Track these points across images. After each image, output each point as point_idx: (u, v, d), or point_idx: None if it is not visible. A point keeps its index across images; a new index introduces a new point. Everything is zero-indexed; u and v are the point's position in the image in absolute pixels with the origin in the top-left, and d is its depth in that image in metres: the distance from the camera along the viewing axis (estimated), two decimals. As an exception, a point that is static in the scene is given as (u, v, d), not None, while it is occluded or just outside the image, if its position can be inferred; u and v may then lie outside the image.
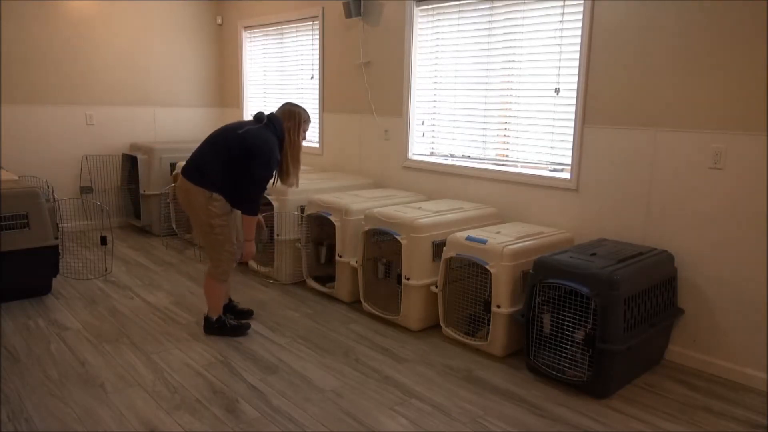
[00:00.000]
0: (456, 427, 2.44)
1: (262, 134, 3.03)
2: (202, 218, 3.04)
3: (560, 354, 2.81)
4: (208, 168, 3.00)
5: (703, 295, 3.01)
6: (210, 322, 3.27)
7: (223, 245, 3.11)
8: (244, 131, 3.01)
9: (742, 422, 2.54)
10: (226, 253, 3.13)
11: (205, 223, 3.04)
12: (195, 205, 3.03)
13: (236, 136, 3.01)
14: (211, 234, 3.07)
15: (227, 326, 3.27)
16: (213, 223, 3.03)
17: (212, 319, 3.27)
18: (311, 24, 5.26)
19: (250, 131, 3.02)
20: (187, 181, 3.03)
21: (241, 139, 2.99)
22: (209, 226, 3.04)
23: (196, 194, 3.00)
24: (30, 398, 2.58)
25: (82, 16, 5.50)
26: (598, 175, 3.35)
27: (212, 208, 3.01)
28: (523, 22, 3.64)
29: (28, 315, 3.55)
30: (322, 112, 5.24)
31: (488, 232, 3.26)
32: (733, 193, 2.85)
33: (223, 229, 3.07)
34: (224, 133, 3.06)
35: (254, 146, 2.98)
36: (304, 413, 2.51)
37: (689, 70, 2.94)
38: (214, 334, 3.27)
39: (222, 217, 3.05)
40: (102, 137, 5.79)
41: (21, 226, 3.63)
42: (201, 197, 3.00)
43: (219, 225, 3.04)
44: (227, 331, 3.27)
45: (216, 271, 3.17)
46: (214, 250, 3.13)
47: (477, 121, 4.01)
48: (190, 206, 3.06)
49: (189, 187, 3.02)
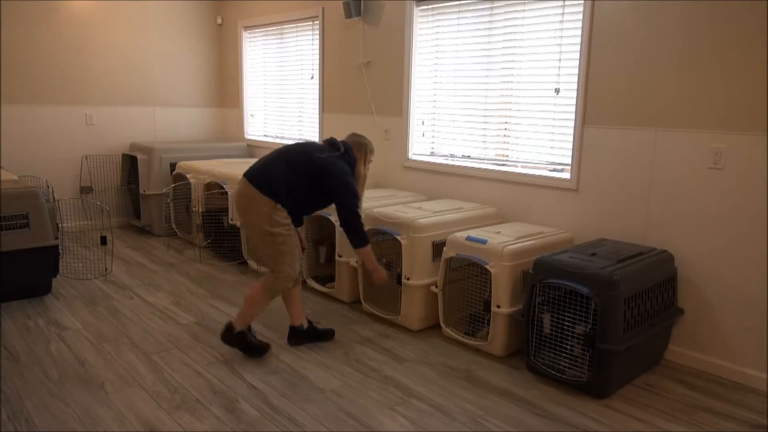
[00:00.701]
0: (456, 427, 2.44)
1: (341, 164, 2.98)
2: (264, 227, 2.89)
3: (560, 354, 2.81)
4: (278, 182, 2.89)
5: (703, 295, 3.01)
6: (231, 330, 3.01)
7: (284, 256, 2.93)
8: (327, 159, 2.95)
9: (742, 422, 2.54)
10: (286, 266, 2.93)
11: (265, 232, 2.89)
12: (256, 212, 2.89)
13: (316, 160, 2.93)
14: (273, 243, 2.91)
15: (247, 342, 3.03)
16: (274, 231, 2.88)
17: (235, 329, 3.01)
18: (311, 24, 5.26)
19: (332, 160, 2.96)
20: (253, 188, 2.89)
21: (323, 166, 2.93)
22: (270, 234, 2.89)
23: (260, 202, 2.88)
24: (30, 398, 2.58)
25: (82, 16, 5.50)
26: (598, 175, 3.35)
27: (275, 216, 2.88)
28: (523, 22, 3.64)
29: (28, 315, 3.55)
30: (322, 112, 5.24)
31: (488, 232, 3.26)
32: (733, 193, 2.85)
33: (285, 239, 2.91)
34: (304, 156, 2.96)
35: (338, 177, 2.92)
36: (304, 413, 2.51)
37: (689, 70, 2.94)
38: (231, 345, 3.03)
39: (285, 226, 2.91)
40: (102, 137, 5.79)
41: (21, 226, 3.63)
42: (265, 206, 2.88)
43: (280, 234, 2.89)
44: (246, 346, 3.03)
45: (272, 284, 2.96)
46: (273, 261, 2.94)
47: (477, 121, 4.01)
48: (251, 213, 2.92)
49: (254, 193, 2.89)
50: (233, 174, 4.58)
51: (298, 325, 3.19)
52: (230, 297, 3.94)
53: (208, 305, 3.78)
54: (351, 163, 3.05)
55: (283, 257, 2.93)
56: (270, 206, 2.88)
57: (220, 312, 3.66)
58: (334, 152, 3.01)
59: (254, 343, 3.04)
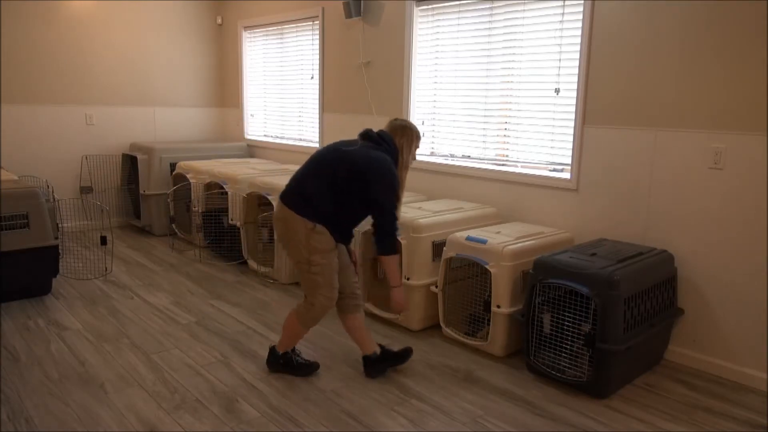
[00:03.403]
0: (456, 427, 2.44)
1: (377, 153, 2.59)
2: (301, 253, 2.60)
3: (560, 354, 2.81)
4: (312, 193, 2.56)
5: (703, 295, 3.01)
6: (276, 355, 2.85)
7: (319, 287, 2.64)
8: (354, 150, 2.59)
9: (742, 422, 2.54)
10: (322, 297, 2.65)
11: (303, 259, 2.60)
12: (293, 237, 2.60)
13: (343, 154, 2.58)
14: (308, 272, 2.62)
15: (294, 363, 2.85)
16: (312, 260, 2.59)
17: (279, 353, 2.85)
18: (311, 24, 5.26)
19: (361, 150, 2.59)
20: (286, 208, 2.59)
21: (351, 158, 2.56)
22: (307, 263, 2.60)
23: (296, 224, 2.57)
24: (30, 398, 2.58)
25: (82, 16, 5.50)
26: (598, 175, 3.35)
27: (313, 242, 2.56)
28: (523, 22, 3.64)
29: (28, 315, 3.55)
30: (322, 112, 5.24)
31: (488, 232, 3.26)
32: (733, 193, 2.85)
33: (322, 268, 2.61)
34: (331, 153, 2.62)
35: (371, 168, 2.53)
36: (304, 413, 2.51)
37: (689, 69, 2.94)
38: (277, 371, 2.87)
39: (324, 253, 2.59)
40: (102, 137, 5.79)
41: (21, 226, 3.63)
42: (302, 228, 2.56)
43: (318, 263, 2.59)
44: (293, 368, 2.84)
45: (305, 314, 2.71)
46: (309, 291, 2.68)
47: (477, 121, 4.01)
48: (288, 238, 2.63)
49: (287, 215, 2.59)
50: (233, 174, 4.58)
51: (371, 353, 2.86)
52: (230, 297, 3.94)
53: (208, 305, 3.78)
54: (392, 153, 2.65)
55: (318, 288, 2.64)
56: (307, 228, 2.56)
57: (220, 312, 3.66)
58: (365, 143, 2.65)
59: (300, 362, 2.85)
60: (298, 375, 2.84)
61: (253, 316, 3.59)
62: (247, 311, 3.68)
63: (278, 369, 2.86)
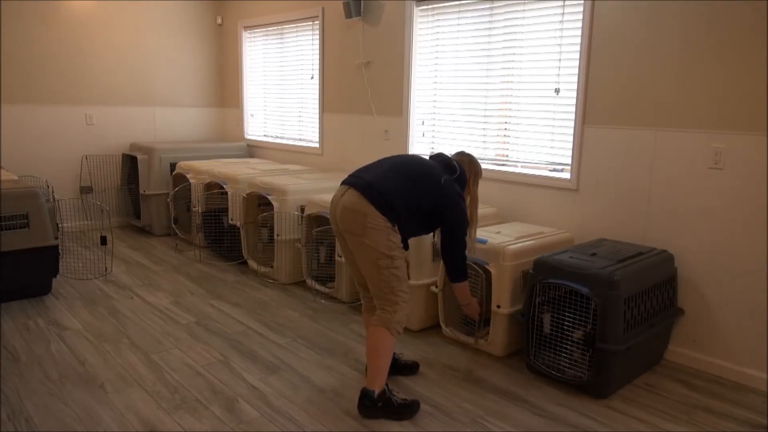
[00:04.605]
0: (456, 427, 2.44)
1: (459, 190, 2.63)
2: (380, 249, 2.42)
3: (560, 354, 2.81)
4: (397, 201, 2.47)
5: (703, 295, 3.01)
6: (371, 398, 2.46)
7: (401, 282, 2.49)
8: (449, 185, 2.58)
9: (742, 422, 2.54)
10: (403, 294, 2.50)
11: (382, 255, 2.43)
12: (372, 232, 2.42)
13: (443, 189, 2.55)
14: (390, 268, 2.45)
15: (394, 406, 2.48)
16: (394, 255, 2.45)
17: (374, 394, 2.46)
18: (311, 24, 5.26)
19: (455, 188, 2.60)
20: (369, 203, 2.42)
21: (446, 195, 2.56)
22: (389, 258, 2.44)
23: (377, 220, 2.42)
24: (30, 398, 2.58)
25: (81, 16, 5.50)
26: (598, 175, 3.35)
27: (393, 238, 2.45)
28: (523, 22, 3.64)
29: (28, 315, 3.55)
30: (322, 112, 5.24)
31: (488, 232, 3.25)
32: (733, 193, 2.85)
33: (402, 263, 2.50)
34: (428, 179, 2.56)
35: (458, 207, 2.58)
36: (304, 413, 2.51)
37: (689, 69, 2.94)
38: (375, 416, 2.48)
39: (400, 248, 2.50)
40: (102, 137, 5.79)
41: (21, 226, 3.63)
42: (383, 224, 2.43)
43: (399, 257, 2.47)
44: (394, 411, 2.48)
45: (391, 319, 2.47)
46: (390, 291, 2.47)
47: (477, 121, 4.01)
48: (364, 234, 2.43)
49: (369, 210, 2.42)
50: (233, 174, 4.58)
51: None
52: (230, 297, 3.94)
53: (208, 305, 3.78)
54: (463, 185, 2.70)
55: (400, 284, 2.49)
56: (387, 226, 2.44)
57: (220, 312, 3.66)
58: (451, 175, 2.65)
59: (401, 402, 2.51)
60: (400, 419, 2.49)
61: (253, 316, 3.59)
62: (247, 311, 3.68)
63: (376, 415, 2.48)
